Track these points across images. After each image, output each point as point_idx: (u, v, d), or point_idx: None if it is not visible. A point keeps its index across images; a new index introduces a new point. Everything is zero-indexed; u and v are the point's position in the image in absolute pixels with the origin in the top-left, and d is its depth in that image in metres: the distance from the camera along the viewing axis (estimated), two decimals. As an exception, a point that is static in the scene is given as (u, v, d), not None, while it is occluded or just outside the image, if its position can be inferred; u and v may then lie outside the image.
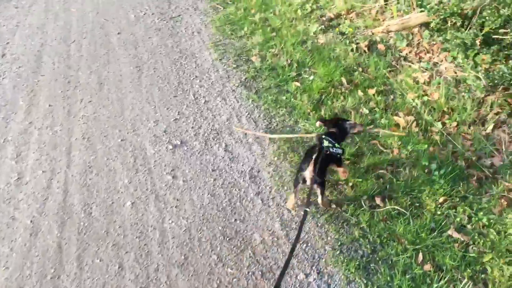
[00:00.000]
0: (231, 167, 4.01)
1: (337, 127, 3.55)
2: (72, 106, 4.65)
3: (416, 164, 4.04)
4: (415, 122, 4.61)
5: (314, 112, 4.62)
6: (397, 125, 4.60)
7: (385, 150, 4.25)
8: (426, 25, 5.82)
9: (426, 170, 3.94)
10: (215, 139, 4.31)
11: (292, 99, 4.90)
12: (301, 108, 4.70)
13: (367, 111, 4.75)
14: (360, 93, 5.06)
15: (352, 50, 5.87)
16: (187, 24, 6.48)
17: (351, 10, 6.73)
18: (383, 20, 6.45)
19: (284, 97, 4.94)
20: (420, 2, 5.80)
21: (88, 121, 4.44)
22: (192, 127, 4.45)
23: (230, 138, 4.34)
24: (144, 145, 4.19)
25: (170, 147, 4.18)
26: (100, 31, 6.14)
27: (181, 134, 4.35)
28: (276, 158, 4.11)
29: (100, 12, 6.69)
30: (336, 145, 3.34)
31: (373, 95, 5.02)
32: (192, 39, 6.09)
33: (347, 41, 6.00)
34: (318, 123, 3.88)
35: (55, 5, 6.80)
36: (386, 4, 6.55)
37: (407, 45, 5.90)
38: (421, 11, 5.75)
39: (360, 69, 5.52)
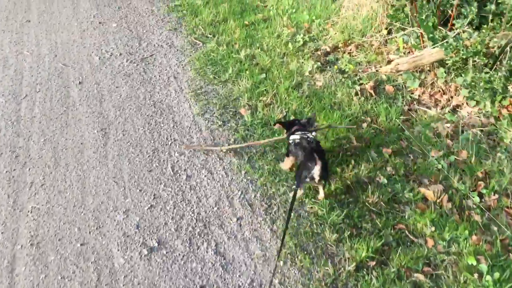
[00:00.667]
0: (225, 280, 3.07)
1: (297, 126, 3.82)
2: (19, 194, 3.65)
3: (459, 261, 3.13)
4: (446, 195, 3.71)
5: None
6: (425, 199, 3.71)
7: (416, 240, 3.35)
8: (441, 62, 4.95)
9: (474, 273, 3.03)
10: (202, 235, 3.37)
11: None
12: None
13: (385, 181, 3.85)
14: (373, 153, 4.15)
15: (356, 93, 4.98)
16: (161, 67, 5.49)
17: (349, 42, 5.83)
18: (388, 53, 5.58)
19: (283, 166, 4.00)
20: (432, 35, 4.93)
21: (39, 217, 3.45)
22: (172, 218, 3.50)
23: (221, 232, 3.40)
24: (111, 251, 3.21)
25: (145, 252, 3.22)
26: (57, 81, 5.13)
27: (158, 230, 3.38)
28: (281, 263, 3.17)
29: (58, 54, 5.66)
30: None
31: (389, 156, 4.11)
32: (168, 87, 5.12)
33: (349, 82, 5.11)
34: (276, 126, 4.10)
35: (4, 48, 5.76)
36: (389, 35, 5.66)
37: (419, 85, 5.02)
38: (434, 47, 4.87)
39: (369, 119, 4.64)
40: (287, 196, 3.76)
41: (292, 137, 3.73)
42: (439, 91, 5.09)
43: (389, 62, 5.61)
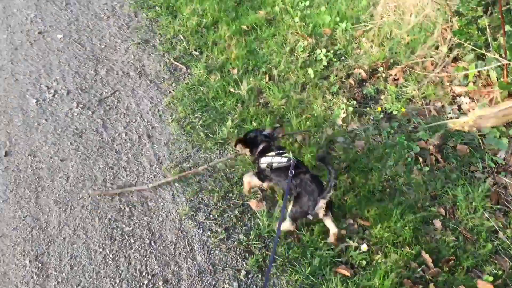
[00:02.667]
0: None
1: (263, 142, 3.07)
2: None
3: None
4: None
5: None
6: None
7: None
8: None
9: None
10: None
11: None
12: None
13: None
14: (463, 290, 2.62)
15: (415, 160, 3.32)
16: (129, 116, 3.73)
17: (392, 61, 4.07)
18: (450, 84, 3.85)
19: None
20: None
21: None
22: None
23: None
24: None
25: None
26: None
27: None
28: None
29: None
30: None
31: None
32: (140, 157, 3.41)
33: (403, 138, 3.49)
34: (238, 147, 3.16)
35: None
36: (450, 52, 3.91)
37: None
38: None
39: (442, 211, 3.08)
40: None
41: (264, 160, 2.97)
42: (538, 153, 3.44)
43: (454, 98, 3.89)
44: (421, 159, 3.48)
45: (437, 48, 4.12)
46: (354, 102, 3.92)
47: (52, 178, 3.31)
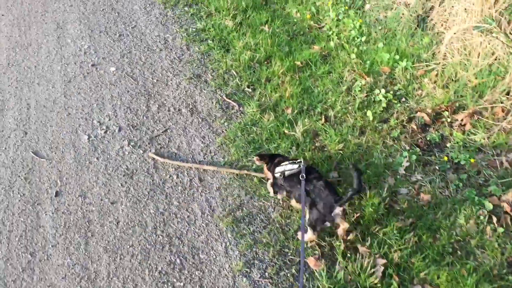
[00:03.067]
0: None
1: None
2: None
3: None
4: None
5: None
6: None
7: None
8: None
9: None
10: None
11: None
12: None
13: None
14: None
15: (489, 218, 3.02)
16: (180, 155, 3.59)
17: (458, 105, 3.78)
18: (524, 132, 3.51)
19: None
20: None
21: None
22: None
23: None
24: None
25: None
26: (23, 190, 3.33)
27: None
28: None
29: (30, 131, 3.78)
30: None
31: None
32: (191, 202, 3.24)
33: (473, 194, 3.17)
34: (256, 160, 3.26)
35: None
36: (524, 99, 3.60)
37: None
38: None
39: None
40: None
41: (278, 169, 3.09)
42: None
43: (529, 149, 3.56)
44: (494, 218, 3.16)
45: (508, 93, 3.82)
46: (418, 149, 3.65)
47: (102, 223, 3.20)
